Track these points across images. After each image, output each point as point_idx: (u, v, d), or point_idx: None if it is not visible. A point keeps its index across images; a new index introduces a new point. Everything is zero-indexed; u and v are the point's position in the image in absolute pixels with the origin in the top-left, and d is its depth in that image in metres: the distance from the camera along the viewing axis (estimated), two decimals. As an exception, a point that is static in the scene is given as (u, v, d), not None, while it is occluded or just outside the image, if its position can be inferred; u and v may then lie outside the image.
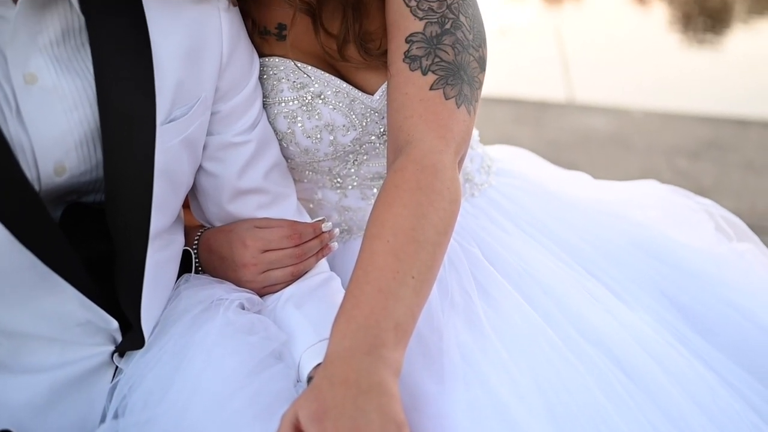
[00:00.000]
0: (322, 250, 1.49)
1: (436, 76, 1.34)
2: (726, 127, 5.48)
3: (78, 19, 1.22)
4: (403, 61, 1.36)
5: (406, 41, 1.36)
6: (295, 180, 1.61)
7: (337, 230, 1.52)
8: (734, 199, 4.23)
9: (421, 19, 1.37)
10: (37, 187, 1.22)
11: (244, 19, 1.46)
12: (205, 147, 1.42)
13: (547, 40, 8.15)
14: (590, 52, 8.27)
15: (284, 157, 1.55)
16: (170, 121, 1.29)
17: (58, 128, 1.21)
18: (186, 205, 1.59)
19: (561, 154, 4.88)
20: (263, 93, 1.50)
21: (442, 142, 1.29)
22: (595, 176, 4.61)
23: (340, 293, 1.44)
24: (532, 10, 10.33)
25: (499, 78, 6.58)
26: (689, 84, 7.46)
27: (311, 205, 1.66)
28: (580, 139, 5.19)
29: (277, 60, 1.50)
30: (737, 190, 4.36)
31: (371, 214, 1.25)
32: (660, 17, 11.25)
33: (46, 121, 1.20)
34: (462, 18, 1.38)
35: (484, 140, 1.84)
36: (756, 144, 5.10)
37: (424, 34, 1.36)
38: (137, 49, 1.24)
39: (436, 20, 1.36)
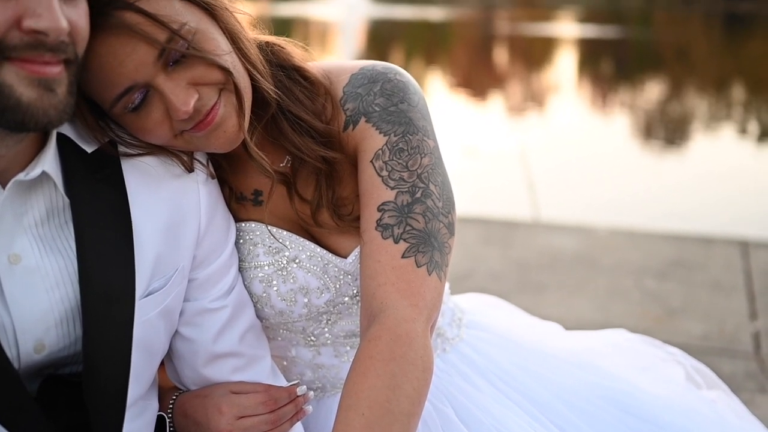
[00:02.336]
0: (297, 414, 1.50)
1: (408, 244, 1.38)
2: (691, 245, 5.59)
3: (62, 199, 1.26)
4: (376, 229, 1.40)
5: (379, 209, 1.41)
6: (269, 338, 1.63)
7: (311, 393, 1.53)
8: (703, 321, 4.28)
9: (392, 188, 1.42)
10: (16, 366, 1.23)
11: (221, 186, 1.51)
12: (181, 313, 1.44)
13: (512, 159, 8.34)
14: (555, 170, 8.46)
15: (259, 318, 1.57)
16: (148, 295, 1.32)
17: (39, 307, 1.23)
18: (160, 364, 1.60)
19: (530, 275, 4.94)
20: (239, 257, 1.54)
21: (415, 311, 1.33)
22: (564, 298, 4.65)
23: (314, 460, 1.44)
24: (498, 129, 10.59)
25: (466, 197, 6.71)
26: (653, 200, 7.64)
27: (285, 363, 1.68)
28: (547, 259, 5.26)
29: (253, 225, 1.54)
30: (705, 311, 4.42)
31: (345, 383, 1.27)
32: (622, 128, 11.57)
33: (28, 301, 1.22)
34: (432, 186, 1.44)
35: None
36: (721, 263, 5.20)
37: (395, 203, 1.41)
38: (119, 228, 1.28)
39: (407, 189, 1.42)
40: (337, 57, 23.26)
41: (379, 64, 1.53)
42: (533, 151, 8.84)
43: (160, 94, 1.28)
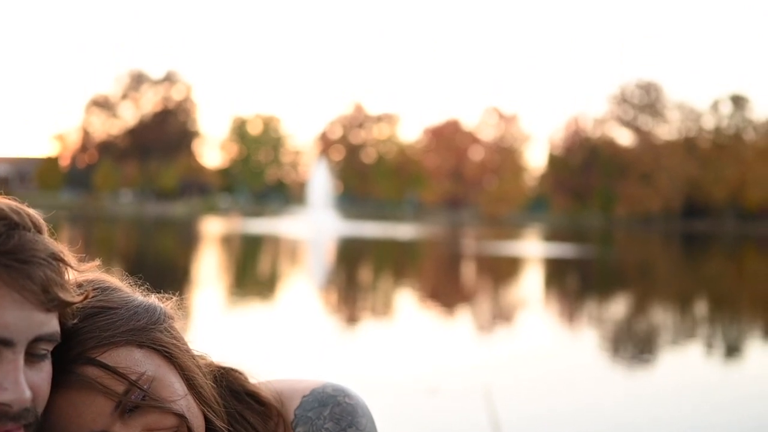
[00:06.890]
0: None
1: None
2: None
3: None
4: None
5: None
6: None
7: None
8: None
9: None
10: None
11: None
12: None
13: (476, 399, 8.26)
14: (521, 406, 8.41)
15: None
16: None
17: None
18: None
19: None
20: None
21: None
22: None
23: None
24: (462, 368, 10.48)
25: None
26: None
27: None
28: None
29: None
30: None
31: None
32: (588, 352, 11.64)
33: None
34: None
35: None
36: None
37: None
38: None
39: None
40: (306, 274, 23.50)
41: (329, 385, 1.61)
42: (498, 388, 8.78)
43: (115, 440, 1.34)
